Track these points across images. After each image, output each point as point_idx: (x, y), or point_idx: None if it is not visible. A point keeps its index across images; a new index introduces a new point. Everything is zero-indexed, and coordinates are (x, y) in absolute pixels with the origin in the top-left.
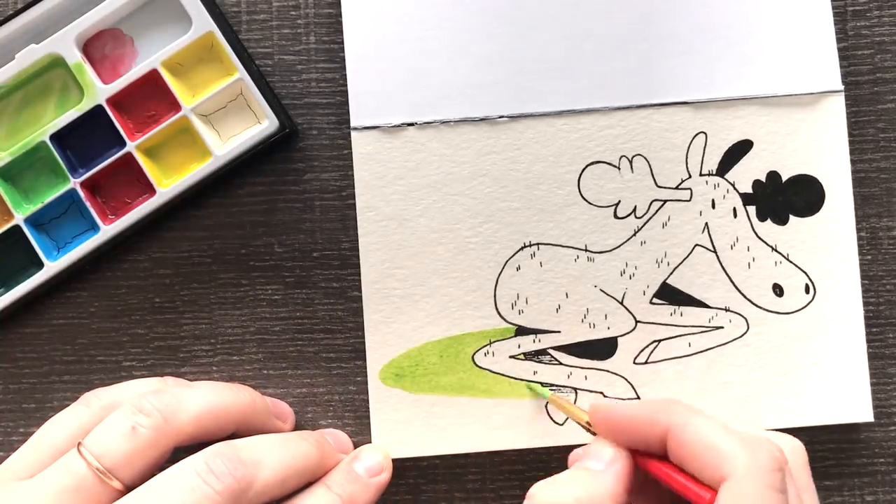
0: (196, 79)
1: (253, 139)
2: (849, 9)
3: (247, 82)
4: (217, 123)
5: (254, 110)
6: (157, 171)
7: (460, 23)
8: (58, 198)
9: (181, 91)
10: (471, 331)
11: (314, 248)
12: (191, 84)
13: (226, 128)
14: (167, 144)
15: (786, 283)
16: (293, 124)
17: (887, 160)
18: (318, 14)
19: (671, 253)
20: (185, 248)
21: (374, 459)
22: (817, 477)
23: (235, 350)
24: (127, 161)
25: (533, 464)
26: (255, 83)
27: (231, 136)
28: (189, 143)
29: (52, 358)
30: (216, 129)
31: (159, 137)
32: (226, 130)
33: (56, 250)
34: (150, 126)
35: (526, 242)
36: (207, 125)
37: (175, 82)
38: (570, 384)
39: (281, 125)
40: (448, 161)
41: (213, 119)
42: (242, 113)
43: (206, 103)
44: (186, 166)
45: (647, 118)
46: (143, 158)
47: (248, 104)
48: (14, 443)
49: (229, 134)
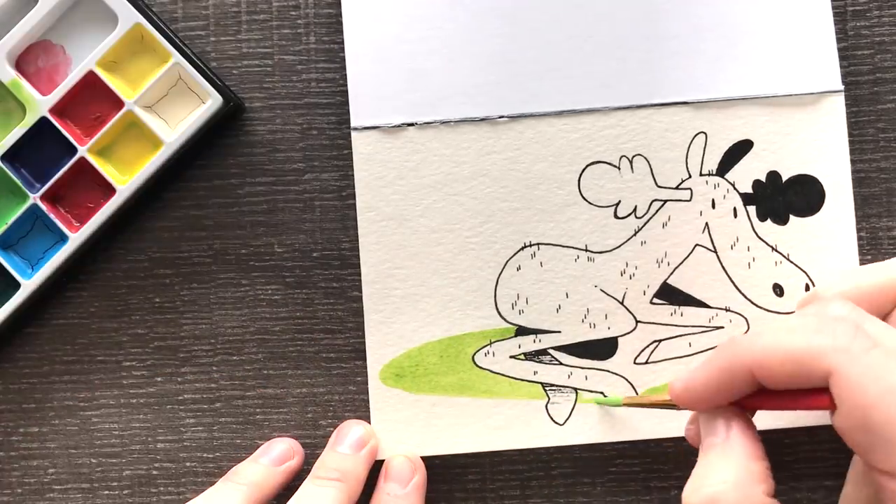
0: (133, 72)
1: (200, 119)
2: (849, 9)
3: (183, 65)
4: (163, 112)
5: (196, 92)
6: (113, 171)
7: (460, 23)
8: (20, 216)
9: (121, 87)
10: (471, 331)
11: (314, 248)
12: (129, 78)
13: (172, 114)
14: (118, 142)
15: (786, 283)
16: (237, 98)
17: (887, 160)
18: (318, 14)
19: (671, 253)
20: (185, 248)
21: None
22: (817, 477)
23: (235, 350)
24: (82, 166)
25: (533, 464)
26: (191, 64)
27: (179, 121)
28: (139, 136)
29: (52, 358)
30: (163, 117)
31: (109, 137)
32: (173, 117)
33: (30, 268)
34: (97, 128)
35: (526, 242)
36: (153, 115)
37: (113, 79)
38: (571, 384)
39: (225, 100)
40: (448, 161)
41: (157, 108)
42: (185, 96)
43: (148, 94)
44: (141, 159)
45: (647, 118)
46: (97, 160)
47: (188, 87)
48: (14, 443)
49: (177, 119)
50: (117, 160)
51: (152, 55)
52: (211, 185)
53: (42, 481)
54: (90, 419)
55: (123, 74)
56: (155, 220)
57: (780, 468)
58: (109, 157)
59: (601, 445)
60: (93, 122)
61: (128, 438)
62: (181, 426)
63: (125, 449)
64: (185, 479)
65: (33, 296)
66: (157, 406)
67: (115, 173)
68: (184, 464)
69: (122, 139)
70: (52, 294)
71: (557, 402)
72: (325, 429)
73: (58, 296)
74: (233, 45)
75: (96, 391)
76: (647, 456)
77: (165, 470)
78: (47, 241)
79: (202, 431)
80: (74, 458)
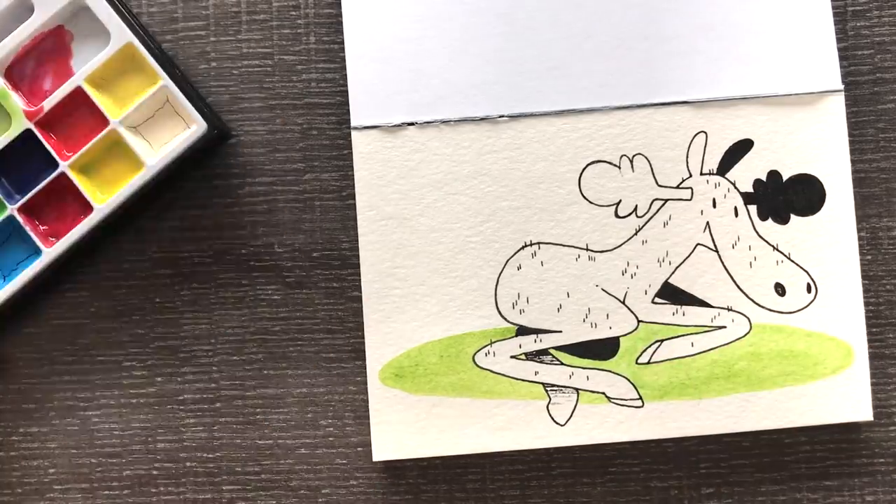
0: (121, 91)
1: (183, 144)
2: (849, 9)
3: (171, 89)
4: (147, 133)
5: (182, 116)
6: (92, 188)
7: (460, 23)
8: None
9: (108, 105)
10: (471, 330)
11: (314, 248)
12: (117, 97)
13: (156, 136)
14: (100, 159)
15: (787, 282)
16: (223, 125)
17: (887, 160)
18: (318, 14)
19: (673, 252)
20: (185, 248)
21: None
22: (817, 477)
23: (235, 350)
24: (62, 182)
25: (533, 464)
26: (179, 88)
27: (162, 143)
28: (121, 155)
29: (52, 358)
30: (146, 138)
31: (91, 154)
32: (156, 139)
33: (2, 279)
34: (81, 143)
35: (527, 242)
36: (137, 136)
37: (100, 97)
38: (572, 384)
39: (210, 127)
40: (448, 160)
41: (142, 129)
42: (171, 120)
43: (134, 114)
44: (121, 179)
45: (647, 117)
46: (78, 177)
47: (175, 110)
48: (14, 443)
49: (160, 142)
50: (98, 178)
51: (142, 76)
52: (211, 185)
53: (42, 481)
54: (90, 419)
55: (112, 93)
56: (155, 220)
57: (780, 468)
58: (90, 173)
59: (601, 445)
60: (77, 138)
61: (128, 438)
62: (181, 426)
63: (125, 449)
64: (185, 479)
65: (2, 306)
66: (157, 406)
67: (94, 190)
68: (184, 464)
69: (104, 157)
70: (26, 303)
71: (559, 403)
72: (324, 429)
73: (57, 296)
74: (233, 45)
75: (96, 391)
76: (647, 456)
77: (165, 470)
78: (22, 252)
79: (202, 431)
80: (74, 458)
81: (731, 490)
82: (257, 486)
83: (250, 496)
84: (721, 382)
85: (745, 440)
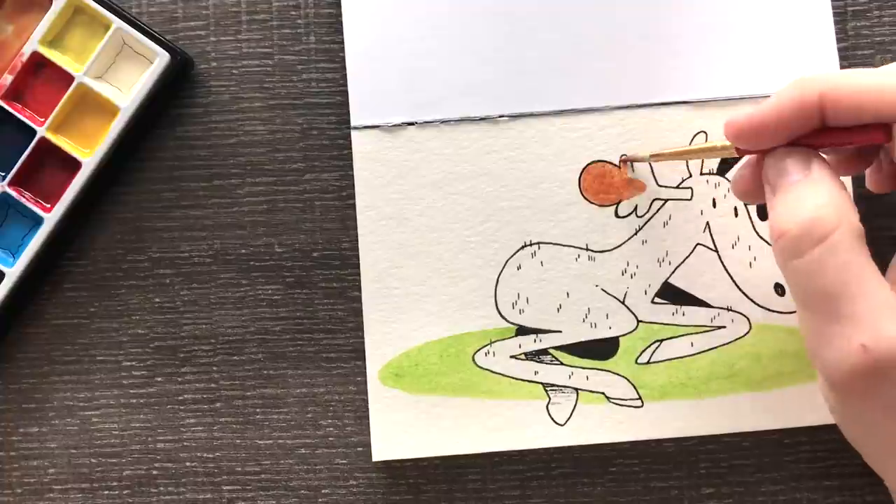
0: (77, 45)
1: (151, 78)
2: (849, 9)
3: (125, 29)
4: (114, 79)
5: (142, 54)
6: (75, 146)
7: (460, 22)
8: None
9: (68, 62)
10: (471, 330)
11: (314, 248)
12: (75, 52)
13: (124, 80)
14: (76, 117)
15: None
16: (184, 53)
17: None
18: (318, 14)
19: (672, 252)
20: (185, 248)
21: None
22: (817, 477)
23: (235, 350)
24: (44, 147)
25: (533, 464)
26: (133, 27)
27: (131, 85)
28: (95, 107)
29: (52, 358)
30: (115, 85)
31: (65, 112)
32: (124, 82)
33: (11, 256)
34: (53, 107)
35: (526, 241)
36: (105, 84)
37: (59, 55)
38: (572, 384)
39: (173, 56)
40: (448, 160)
41: (108, 77)
42: (134, 60)
43: (96, 64)
44: (101, 130)
45: (647, 117)
46: (57, 137)
47: (135, 50)
48: (14, 443)
49: (129, 84)
50: (78, 135)
51: (94, 25)
52: (211, 185)
53: (42, 481)
54: (90, 419)
55: (68, 49)
56: (155, 220)
57: (780, 468)
58: (70, 132)
59: (601, 445)
60: (47, 101)
61: (128, 438)
62: (181, 426)
63: (125, 449)
64: (185, 479)
65: (19, 282)
66: (157, 406)
67: (78, 148)
68: (184, 464)
69: (78, 113)
70: (39, 279)
71: (558, 403)
72: (325, 429)
73: (57, 295)
74: (233, 45)
75: (96, 391)
76: (647, 456)
77: (165, 470)
78: (23, 227)
79: (202, 431)
80: (74, 458)
81: (731, 490)
82: (257, 486)
83: (250, 496)
84: (721, 382)
85: (745, 440)
